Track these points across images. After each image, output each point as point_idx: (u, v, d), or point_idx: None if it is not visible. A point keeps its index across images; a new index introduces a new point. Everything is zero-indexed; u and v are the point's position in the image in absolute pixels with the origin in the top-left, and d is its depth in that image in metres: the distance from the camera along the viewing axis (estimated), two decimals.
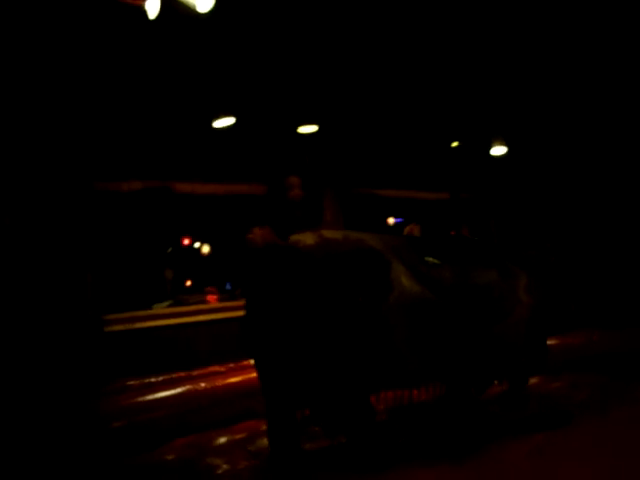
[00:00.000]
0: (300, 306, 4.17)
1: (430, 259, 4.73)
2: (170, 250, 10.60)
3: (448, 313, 4.57)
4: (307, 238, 4.31)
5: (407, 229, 6.89)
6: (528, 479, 3.88)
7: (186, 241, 11.06)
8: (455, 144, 10.49)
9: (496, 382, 5.40)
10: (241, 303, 4.63)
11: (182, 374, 6.55)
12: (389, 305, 4.29)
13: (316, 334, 4.15)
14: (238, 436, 5.54)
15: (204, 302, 8.43)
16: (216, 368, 6.71)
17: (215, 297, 8.70)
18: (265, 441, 4.72)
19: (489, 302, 4.87)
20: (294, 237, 4.34)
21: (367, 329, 4.22)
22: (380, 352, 4.25)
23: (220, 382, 6.42)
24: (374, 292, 4.27)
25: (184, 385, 6.32)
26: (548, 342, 5.72)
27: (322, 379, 4.23)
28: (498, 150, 10.04)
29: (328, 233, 4.46)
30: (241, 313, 4.61)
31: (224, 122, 7.64)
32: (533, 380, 6.08)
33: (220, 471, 4.72)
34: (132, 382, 6.34)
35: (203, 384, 6.33)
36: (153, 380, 6.38)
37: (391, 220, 11.58)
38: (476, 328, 4.76)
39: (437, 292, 4.55)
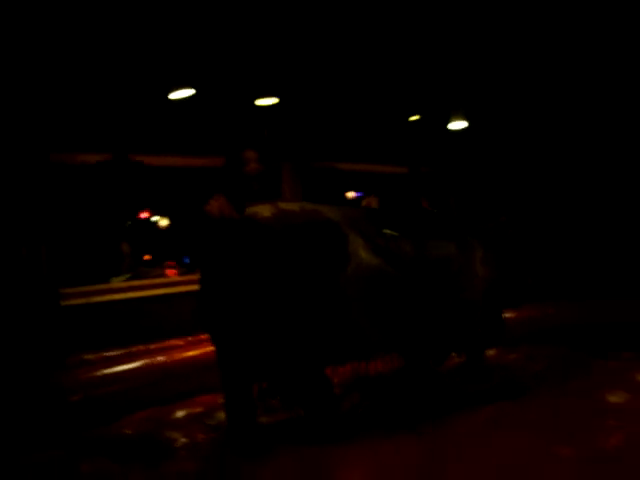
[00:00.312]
0: (256, 278, 4.15)
1: (388, 231, 4.74)
2: (129, 223, 10.50)
3: (406, 286, 4.60)
4: (264, 210, 4.29)
5: (364, 202, 6.90)
6: (483, 448, 3.94)
7: (144, 214, 10.96)
8: (415, 118, 10.49)
9: (454, 354, 5.46)
10: (199, 276, 4.60)
11: (140, 348, 6.49)
12: (347, 277, 4.30)
13: (272, 306, 4.14)
14: (196, 410, 5.55)
15: (163, 276, 8.38)
16: (175, 342, 6.66)
17: (174, 271, 8.64)
18: (223, 415, 4.73)
19: (447, 275, 4.91)
20: (251, 209, 4.32)
21: (324, 301, 4.22)
22: (337, 324, 4.27)
23: (178, 356, 6.39)
24: (332, 264, 4.27)
25: (142, 359, 6.27)
26: (506, 315, 5.81)
27: (278, 352, 4.23)
28: (458, 124, 10.08)
29: (285, 205, 4.44)
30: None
31: (182, 93, 7.53)
32: (491, 352, 6.17)
33: (178, 444, 4.73)
34: (90, 356, 6.27)
35: (161, 358, 6.29)
36: (111, 354, 6.32)
37: (350, 194, 11.59)
38: (434, 301, 4.80)
39: (395, 265, 4.57)
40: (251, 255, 4.18)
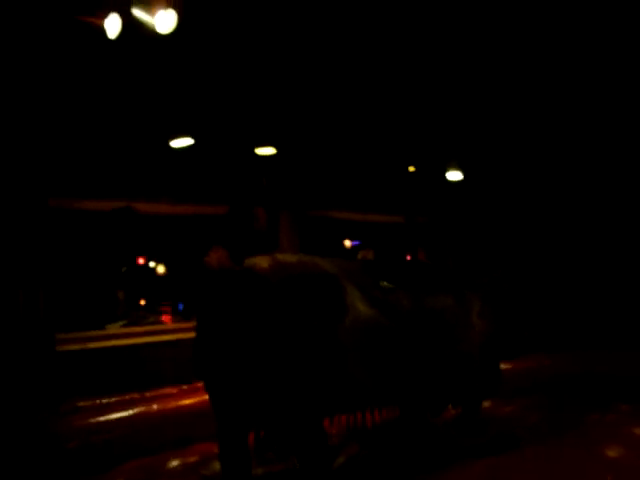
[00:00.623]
0: (252, 328, 4.17)
1: (385, 284, 4.78)
2: (124, 269, 10.49)
3: (403, 338, 4.62)
4: (262, 261, 4.33)
5: (360, 254, 6.93)
6: None
7: (141, 260, 10.96)
8: (411, 169, 10.59)
9: (450, 406, 5.45)
10: (194, 324, 4.61)
11: (135, 395, 6.45)
12: (344, 329, 4.32)
13: (268, 357, 4.14)
14: (191, 459, 5.51)
15: (159, 322, 8.37)
16: (169, 390, 6.63)
17: (169, 317, 8.62)
18: (218, 464, 4.70)
19: (444, 327, 4.94)
20: (249, 260, 4.35)
21: (320, 352, 4.23)
22: (333, 375, 4.27)
23: (173, 404, 6.36)
24: (329, 316, 4.29)
25: (137, 406, 6.24)
26: (501, 367, 5.81)
27: (273, 402, 4.22)
28: (454, 175, 10.17)
29: (282, 257, 4.49)
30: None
31: (182, 142, 7.62)
32: (486, 404, 6.15)
33: None
34: (85, 403, 6.23)
35: (156, 406, 6.26)
36: (106, 401, 6.28)
37: (348, 243, 11.63)
38: (430, 353, 4.81)
39: (392, 317, 4.60)
40: (248, 306, 4.20)
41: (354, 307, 4.43)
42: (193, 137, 7.62)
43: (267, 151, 8.48)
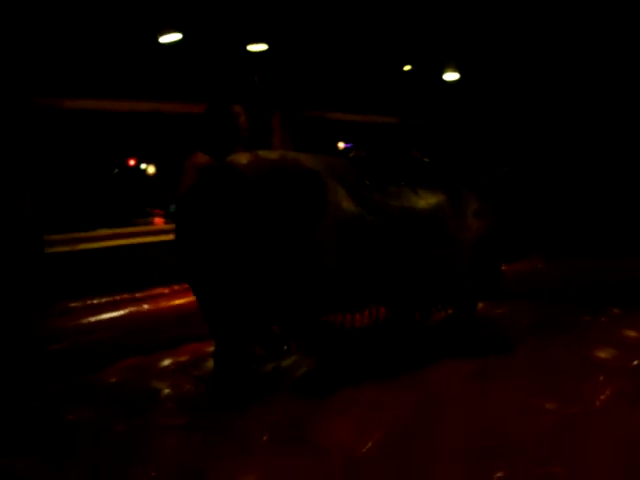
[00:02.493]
0: (229, 227, 4.08)
1: (373, 181, 4.66)
2: (116, 171, 10.36)
3: (390, 236, 4.53)
4: (241, 158, 4.20)
5: (352, 155, 6.80)
6: (467, 399, 3.93)
7: (132, 162, 10.81)
8: (407, 68, 10.34)
9: (440, 307, 5.42)
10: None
11: (126, 296, 6.44)
12: (325, 227, 4.22)
13: (247, 258, 4.07)
14: (182, 358, 5.52)
15: (150, 224, 8.31)
16: (161, 290, 6.62)
17: (162, 219, 8.56)
18: (209, 364, 4.71)
19: (434, 225, 4.85)
20: (229, 157, 4.23)
21: (301, 251, 4.15)
22: (312, 274, 4.20)
23: (164, 304, 6.36)
24: (309, 213, 4.19)
25: (128, 307, 6.23)
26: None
27: (253, 303, 4.18)
28: (451, 75, 9.95)
29: (264, 153, 4.35)
30: None
31: (170, 37, 7.36)
32: (479, 305, 6.14)
33: (164, 394, 4.71)
34: (74, 304, 6.21)
35: (147, 306, 6.26)
36: (96, 302, 6.26)
37: (341, 145, 11.47)
38: (419, 252, 4.73)
39: (378, 215, 4.49)
40: (224, 202, 4.10)
41: (337, 205, 4.30)
42: (182, 32, 7.35)
43: (259, 47, 8.22)
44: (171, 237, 7.34)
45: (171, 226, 7.76)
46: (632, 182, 9.49)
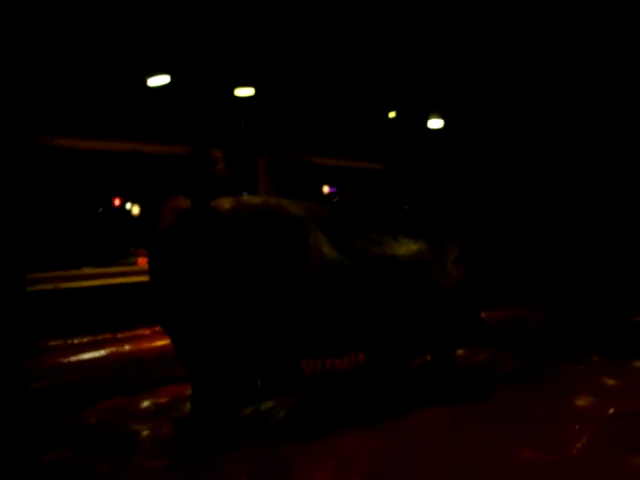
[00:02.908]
0: (212, 272, 4.11)
1: (355, 227, 4.72)
2: (100, 210, 10.37)
3: (370, 283, 4.57)
4: (224, 202, 4.25)
5: (335, 200, 6.87)
6: (445, 447, 3.95)
7: (117, 201, 10.83)
8: (392, 115, 10.49)
9: (419, 353, 5.46)
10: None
11: (108, 336, 6.42)
12: (306, 272, 4.26)
13: (228, 302, 4.09)
14: (162, 400, 5.51)
15: (133, 264, 8.30)
16: (142, 331, 6.60)
17: (145, 259, 8.55)
18: (189, 406, 4.70)
19: (414, 273, 4.89)
20: (213, 202, 4.28)
21: (282, 296, 4.19)
22: (292, 319, 4.23)
23: (146, 345, 6.34)
24: (291, 259, 4.23)
25: (109, 347, 6.21)
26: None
27: (231, 347, 4.19)
28: (435, 123, 10.10)
29: (247, 198, 4.42)
30: None
31: (159, 80, 7.45)
32: (460, 352, 6.18)
33: (144, 436, 4.69)
34: (56, 343, 6.19)
35: (129, 346, 6.24)
36: (78, 341, 6.24)
37: (326, 189, 11.56)
38: (399, 298, 4.78)
39: (359, 261, 4.54)
40: (206, 247, 4.14)
41: (318, 250, 4.35)
42: (170, 75, 7.45)
43: (246, 92, 8.33)
44: None
45: None
46: (610, 231, 9.62)
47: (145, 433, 4.72)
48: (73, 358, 5.95)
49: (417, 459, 3.81)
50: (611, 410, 4.60)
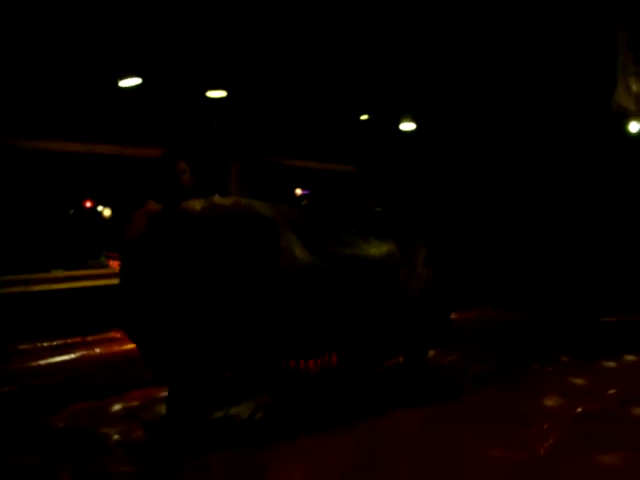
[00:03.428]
0: (184, 274, 4.09)
1: (326, 229, 4.73)
2: (72, 212, 10.31)
3: (339, 283, 4.59)
4: (196, 204, 4.25)
5: (303, 203, 6.88)
6: (416, 448, 3.96)
7: (88, 204, 10.77)
8: (364, 117, 10.53)
9: (391, 354, 5.47)
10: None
11: (78, 339, 6.39)
12: (277, 272, 4.26)
13: (201, 304, 4.08)
14: (132, 403, 5.46)
15: (106, 267, 8.26)
16: (113, 334, 6.58)
17: (117, 262, 8.51)
18: (159, 409, 4.67)
19: (384, 273, 4.92)
20: (184, 203, 4.27)
21: (253, 297, 4.18)
22: (263, 320, 4.23)
23: (117, 348, 6.31)
24: (262, 260, 4.23)
25: (80, 350, 6.18)
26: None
27: (209, 351, 4.18)
28: (407, 126, 10.14)
29: (218, 199, 4.40)
30: None
31: (130, 82, 7.42)
32: (430, 353, 6.21)
33: (113, 440, 4.64)
34: (25, 346, 6.15)
35: (98, 350, 6.21)
36: (47, 345, 6.20)
37: (298, 191, 11.58)
38: (369, 299, 4.79)
39: (330, 262, 4.55)
40: (178, 249, 4.12)
41: (290, 252, 4.36)
42: (142, 77, 7.42)
43: (218, 94, 8.32)
44: None
45: None
46: (578, 233, 9.72)
47: (115, 437, 4.67)
48: (42, 361, 5.91)
49: (388, 460, 3.82)
50: (579, 409, 4.65)
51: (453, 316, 6.00)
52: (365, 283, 4.75)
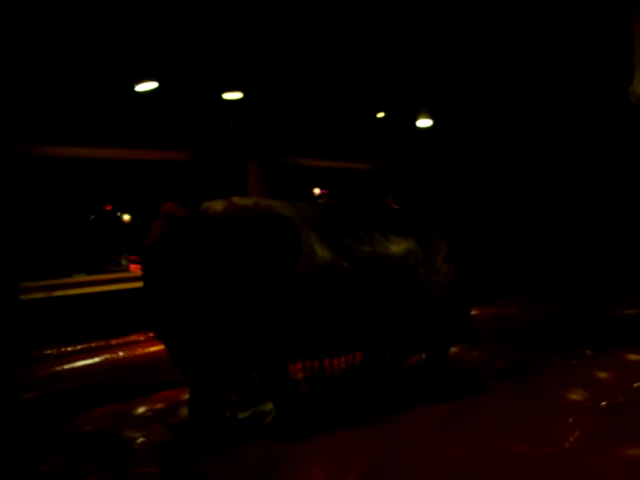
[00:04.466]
0: (206, 276, 4.11)
1: (345, 227, 4.73)
2: (92, 217, 10.38)
3: (363, 282, 4.59)
4: (216, 205, 4.26)
5: (320, 202, 6.89)
6: (440, 444, 3.95)
7: (108, 208, 10.83)
8: (381, 115, 10.51)
9: (413, 351, 5.46)
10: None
11: (101, 343, 6.42)
12: (299, 272, 4.26)
13: (223, 305, 4.10)
14: (157, 406, 5.51)
15: (126, 271, 8.31)
16: (136, 337, 6.61)
17: (138, 266, 8.56)
18: (184, 412, 4.70)
19: (405, 270, 4.91)
20: (204, 204, 4.29)
21: (275, 297, 4.19)
22: (288, 320, 4.23)
23: (140, 351, 6.33)
24: (282, 259, 4.24)
25: (103, 354, 6.21)
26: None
27: (228, 349, 4.20)
28: (424, 122, 10.11)
29: (238, 200, 4.41)
30: None
31: (146, 86, 7.45)
32: (453, 349, 6.20)
33: (138, 443, 4.69)
34: (49, 351, 6.19)
35: (122, 353, 6.24)
36: (71, 349, 6.24)
37: (317, 191, 11.58)
38: (391, 296, 4.79)
39: (350, 260, 4.55)
40: (200, 251, 4.15)
41: (311, 251, 4.36)
42: (158, 81, 7.45)
43: (234, 96, 8.33)
44: None
45: None
46: (595, 225, 9.66)
47: (139, 440, 4.72)
48: (67, 366, 5.95)
49: (413, 457, 3.80)
50: (604, 403, 4.60)
51: (476, 312, 5.98)
52: (386, 280, 4.75)
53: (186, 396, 4.71)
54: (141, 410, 5.45)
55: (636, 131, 8.70)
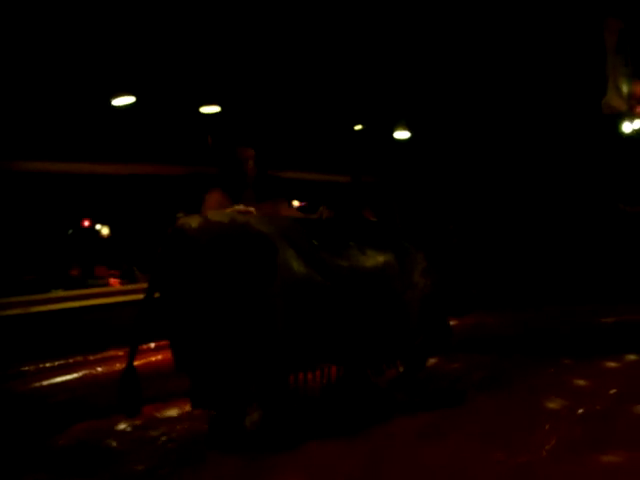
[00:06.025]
0: (183, 291, 4.16)
1: (322, 241, 4.75)
2: (70, 232, 10.33)
3: (339, 296, 4.60)
4: (192, 221, 4.27)
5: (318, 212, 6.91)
6: (419, 455, 3.98)
7: (86, 223, 10.79)
8: (359, 127, 10.57)
9: (391, 364, 5.48)
10: (142, 286, 4.59)
11: (79, 358, 6.39)
12: (275, 288, 4.27)
13: (200, 321, 4.13)
14: (136, 421, 5.47)
15: (104, 285, 8.28)
16: (114, 352, 6.58)
17: (117, 280, 8.54)
18: (163, 426, 4.69)
19: (381, 284, 4.93)
20: (182, 219, 4.30)
21: (252, 313, 4.19)
22: (263, 336, 4.24)
23: (119, 366, 6.29)
24: (259, 276, 4.25)
25: (82, 370, 6.18)
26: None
27: (208, 364, 4.22)
28: (401, 134, 10.19)
29: (213, 215, 4.42)
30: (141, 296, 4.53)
31: (123, 100, 7.46)
32: (432, 360, 6.23)
33: (119, 458, 4.66)
34: (27, 367, 6.15)
35: (101, 368, 6.21)
36: (49, 365, 6.21)
37: (295, 203, 11.59)
38: (368, 310, 4.81)
39: (327, 275, 4.57)
40: (177, 267, 4.19)
41: (287, 267, 4.37)
42: (135, 95, 7.46)
43: (212, 109, 8.36)
44: (124, 298, 7.40)
45: (124, 287, 7.84)
46: (574, 234, 9.77)
47: (120, 455, 4.70)
48: (45, 382, 5.91)
49: (393, 467, 3.85)
50: (581, 410, 4.67)
51: (453, 323, 6.02)
52: (362, 294, 4.77)
53: (166, 411, 4.72)
54: (121, 426, 5.41)
55: (609, 143, 8.83)
